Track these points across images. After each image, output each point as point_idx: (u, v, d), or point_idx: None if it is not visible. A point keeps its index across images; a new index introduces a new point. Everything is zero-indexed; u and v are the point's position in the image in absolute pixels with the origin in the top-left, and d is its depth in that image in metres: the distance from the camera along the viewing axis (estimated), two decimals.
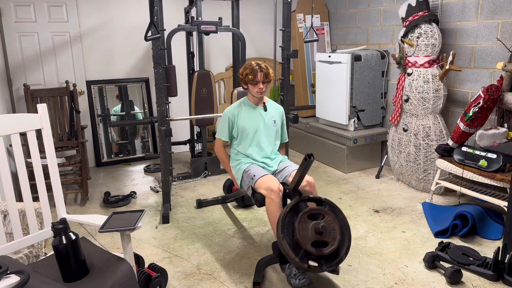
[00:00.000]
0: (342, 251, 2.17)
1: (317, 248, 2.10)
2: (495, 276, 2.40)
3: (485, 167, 2.99)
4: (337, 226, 2.17)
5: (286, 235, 2.12)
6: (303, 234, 2.11)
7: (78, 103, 4.11)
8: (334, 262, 2.14)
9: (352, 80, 4.20)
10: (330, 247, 2.11)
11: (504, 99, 3.06)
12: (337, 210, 2.26)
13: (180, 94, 4.62)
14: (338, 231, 2.16)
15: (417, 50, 3.60)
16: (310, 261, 2.12)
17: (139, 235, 3.05)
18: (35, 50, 4.31)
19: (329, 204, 2.26)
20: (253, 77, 2.61)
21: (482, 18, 3.40)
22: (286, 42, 3.58)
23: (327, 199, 2.28)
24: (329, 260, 2.14)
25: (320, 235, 2.11)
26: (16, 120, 1.84)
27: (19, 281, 1.35)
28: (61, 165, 3.66)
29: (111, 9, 4.62)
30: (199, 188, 4.02)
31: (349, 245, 2.19)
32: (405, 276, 2.49)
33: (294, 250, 2.10)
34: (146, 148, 5.08)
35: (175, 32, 3.80)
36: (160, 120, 3.28)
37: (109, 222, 1.76)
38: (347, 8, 4.94)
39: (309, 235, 2.11)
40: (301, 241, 2.09)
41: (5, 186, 1.79)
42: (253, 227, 3.17)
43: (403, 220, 3.23)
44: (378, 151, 4.56)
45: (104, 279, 1.62)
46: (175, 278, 2.49)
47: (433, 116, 3.64)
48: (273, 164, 2.73)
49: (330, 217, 2.18)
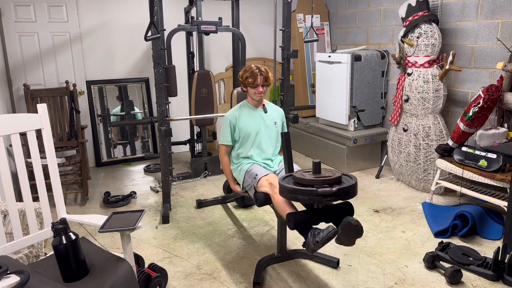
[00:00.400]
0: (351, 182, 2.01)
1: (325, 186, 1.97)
2: (495, 276, 2.40)
3: (485, 167, 2.99)
4: (334, 170, 2.11)
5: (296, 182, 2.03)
6: (301, 175, 2.05)
7: (78, 103, 4.11)
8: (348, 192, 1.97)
9: (352, 80, 4.20)
10: (334, 175, 2.01)
11: (504, 99, 3.06)
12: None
13: (180, 94, 4.61)
14: (336, 171, 2.09)
15: (417, 50, 3.60)
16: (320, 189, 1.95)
17: (139, 235, 3.05)
18: (35, 50, 4.31)
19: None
20: (253, 81, 2.62)
21: (482, 18, 3.40)
22: (286, 42, 3.58)
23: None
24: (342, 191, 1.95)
25: (318, 173, 2.04)
26: (16, 120, 1.84)
27: (19, 281, 1.34)
28: (61, 165, 3.66)
29: (111, 9, 4.62)
30: (199, 188, 4.02)
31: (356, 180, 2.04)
32: (405, 276, 2.49)
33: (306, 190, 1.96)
34: (146, 148, 5.08)
35: (175, 32, 3.80)
36: (160, 120, 3.28)
37: (109, 222, 1.76)
38: (347, 8, 4.94)
39: (307, 175, 2.05)
40: (302, 178, 2.01)
41: (5, 186, 1.78)
42: (253, 227, 3.17)
43: (403, 220, 3.23)
44: (378, 151, 4.56)
45: (104, 279, 1.62)
46: (175, 278, 2.49)
47: (433, 116, 3.64)
48: (273, 164, 2.73)
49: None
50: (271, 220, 3.28)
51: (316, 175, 2.06)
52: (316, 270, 2.57)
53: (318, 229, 2.06)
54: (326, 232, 2.00)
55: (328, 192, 1.92)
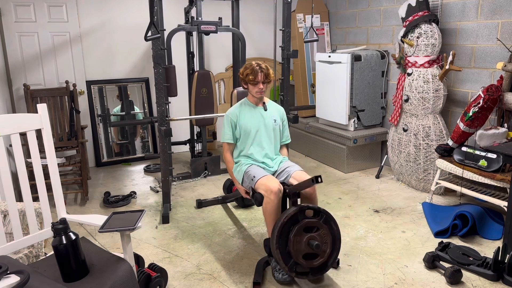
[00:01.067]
0: (330, 262, 2.32)
1: (307, 261, 2.25)
2: (495, 276, 2.40)
3: (485, 167, 2.99)
4: (330, 239, 2.28)
5: (280, 245, 2.22)
6: (296, 247, 2.22)
7: (78, 103, 4.11)
8: (320, 272, 2.32)
9: (352, 80, 4.20)
10: (319, 259, 2.26)
11: (504, 99, 3.06)
12: (333, 222, 2.34)
13: (180, 94, 4.62)
14: (330, 244, 2.28)
15: (417, 50, 3.60)
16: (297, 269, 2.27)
17: (139, 235, 3.05)
18: (35, 50, 4.31)
19: (326, 215, 2.32)
20: (254, 78, 2.62)
21: (482, 18, 3.40)
22: (286, 42, 3.58)
23: (325, 210, 2.32)
24: (316, 271, 2.30)
25: (312, 249, 2.23)
26: (16, 120, 1.84)
27: (19, 281, 1.34)
28: (61, 165, 3.66)
29: (111, 9, 4.62)
30: (199, 188, 4.02)
31: (336, 255, 2.33)
32: (405, 276, 2.49)
33: (285, 259, 2.23)
34: (146, 148, 5.08)
35: (175, 32, 3.80)
36: (160, 120, 3.28)
37: (109, 222, 1.76)
38: (347, 8, 4.94)
39: (302, 247, 2.23)
40: (294, 253, 2.22)
41: (5, 186, 1.78)
42: (253, 227, 3.17)
43: (403, 220, 3.23)
44: (378, 151, 4.56)
45: (104, 279, 1.62)
46: (175, 278, 2.49)
47: (433, 116, 3.64)
48: (273, 164, 2.73)
49: (324, 230, 2.27)
50: None
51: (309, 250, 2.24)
52: None
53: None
54: (283, 279, 2.38)
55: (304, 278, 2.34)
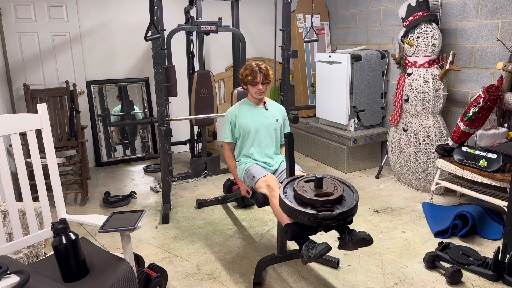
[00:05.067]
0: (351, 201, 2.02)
1: (322, 197, 1.98)
2: (495, 276, 2.40)
3: (485, 167, 2.99)
4: (337, 182, 2.11)
5: (292, 203, 2.00)
6: (303, 190, 2.04)
7: (78, 103, 4.11)
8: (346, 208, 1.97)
9: (352, 80, 4.20)
10: (335, 194, 2.01)
11: (504, 99, 3.06)
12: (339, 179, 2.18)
13: (180, 94, 4.61)
14: (339, 184, 2.10)
15: (417, 50, 3.60)
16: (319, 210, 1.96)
17: (139, 235, 3.05)
18: (35, 50, 4.31)
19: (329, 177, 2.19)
20: (253, 78, 2.61)
21: (482, 18, 3.40)
22: (286, 42, 3.58)
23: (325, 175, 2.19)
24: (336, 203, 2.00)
25: (320, 188, 2.04)
26: (16, 120, 1.84)
27: (19, 281, 1.34)
28: (61, 165, 3.65)
29: (111, 9, 4.62)
30: (199, 188, 4.02)
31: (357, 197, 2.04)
32: (405, 276, 2.49)
33: (304, 207, 1.97)
34: (146, 148, 5.08)
35: (175, 32, 3.80)
36: (160, 120, 3.28)
37: (109, 222, 1.76)
38: (347, 8, 4.94)
39: (309, 189, 2.04)
40: (303, 195, 1.99)
41: (5, 186, 1.78)
42: (253, 227, 3.17)
43: (403, 220, 3.23)
44: (378, 151, 4.56)
45: (104, 279, 1.62)
46: (175, 278, 2.49)
47: (433, 116, 3.64)
48: (274, 163, 2.72)
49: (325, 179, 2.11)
50: (271, 220, 3.28)
51: (318, 191, 2.03)
52: (316, 270, 2.57)
53: (313, 243, 2.08)
54: (320, 248, 2.02)
55: (328, 216, 1.92)
